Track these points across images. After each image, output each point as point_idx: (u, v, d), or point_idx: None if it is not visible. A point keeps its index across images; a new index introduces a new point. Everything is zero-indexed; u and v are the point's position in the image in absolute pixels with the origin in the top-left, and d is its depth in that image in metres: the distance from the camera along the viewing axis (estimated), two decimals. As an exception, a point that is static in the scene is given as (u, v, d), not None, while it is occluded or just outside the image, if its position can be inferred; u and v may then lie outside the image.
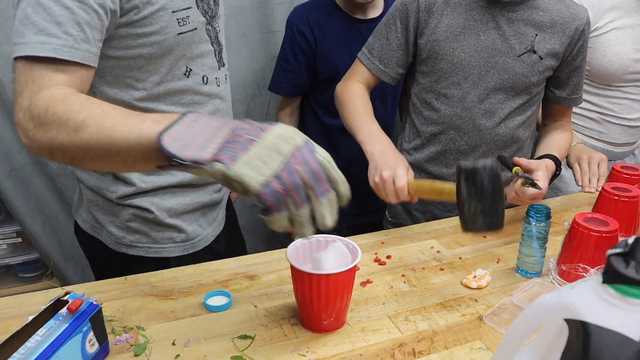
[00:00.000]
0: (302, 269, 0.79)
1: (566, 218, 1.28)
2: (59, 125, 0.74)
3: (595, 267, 0.94)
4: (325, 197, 0.66)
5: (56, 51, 0.78)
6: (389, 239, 1.18)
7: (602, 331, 0.47)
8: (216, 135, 0.65)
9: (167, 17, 0.91)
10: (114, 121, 0.71)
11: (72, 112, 0.73)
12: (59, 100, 0.75)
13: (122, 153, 0.72)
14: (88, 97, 0.78)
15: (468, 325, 0.88)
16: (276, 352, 0.80)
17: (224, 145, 0.64)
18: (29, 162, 1.63)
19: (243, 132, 0.65)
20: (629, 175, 1.23)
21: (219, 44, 1.09)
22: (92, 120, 0.72)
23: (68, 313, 0.71)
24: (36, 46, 0.77)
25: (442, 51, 1.21)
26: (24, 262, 1.92)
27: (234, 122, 0.68)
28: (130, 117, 0.71)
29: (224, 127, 0.67)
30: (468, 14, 1.19)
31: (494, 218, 0.87)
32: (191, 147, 0.63)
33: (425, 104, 1.29)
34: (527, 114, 1.27)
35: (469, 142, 1.26)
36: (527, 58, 1.19)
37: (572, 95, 1.30)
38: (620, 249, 0.48)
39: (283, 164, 0.63)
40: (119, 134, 0.70)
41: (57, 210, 1.72)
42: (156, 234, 1.09)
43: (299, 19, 1.57)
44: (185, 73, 1.00)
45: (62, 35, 0.78)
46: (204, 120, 0.68)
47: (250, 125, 0.66)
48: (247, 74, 1.76)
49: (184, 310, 0.90)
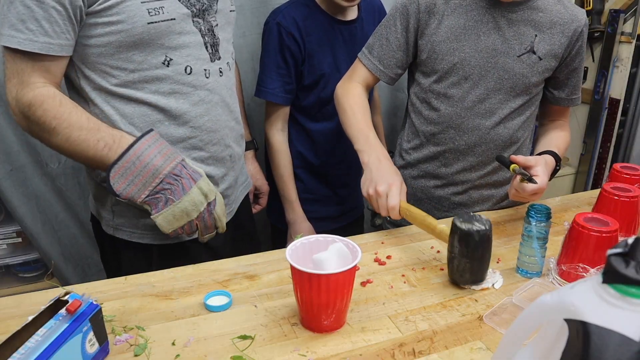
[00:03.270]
0: (302, 269, 0.79)
1: (566, 218, 1.28)
2: (37, 125, 0.97)
3: (595, 267, 0.94)
4: (209, 231, 1.09)
5: (20, 44, 0.93)
6: (389, 239, 1.18)
7: (602, 331, 0.47)
8: (151, 181, 0.98)
9: (135, 7, 0.97)
10: (77, 136, 0.97)
11: (47, 118, 0.96)
12: (38, 104, 0.95)
13: (84, 161, 1.03)
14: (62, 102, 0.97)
15: (468, 325, 0.88)
16: (276, 352, 0.80)
17: (153, 195, 0.99)
18: (29, 162, 1.63)
19: (170, 186, 0.99)
20: (629, 175, 1.23)
21: (214, 37, 1.10)
22: (62, 130, 0.96)
23: (68, 313, 0.71)
24: (8, 39, 0.93)
25: (443, 52, 1.21)
26: (24, 262, 1.92)
27: (170, 165, 0.99)
28: (90, 134, 0.97)
29: (160, 171, 0.98)
30: (468, 15, 1.19)
31: (479, 276, 0.97)
32: (130, 189, 0.99)
33: (425, 103, 1.29)
34: (526, 115, 1.28)
35: (468, 142, 1.26)
36: (526, 58, 1.20)
37: (571, 96, 1.31)
38: (620, 249, 0.48)
39: (188, 222, 1.03)
40: (80, 148, 0.98)
41: (57, 210, 1.72)
42: (137, 220, 1.11)
43: (287, 20, 1.48)
44: (164, 62, 1.03)
45: (24, 30, 0.92)
46: (147, 156, 0.97)
47: (177, 180, 1.00)
48: (247, 74, 1.76)
49: (184, 310, 0.90)
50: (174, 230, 1.03)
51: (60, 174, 1.68)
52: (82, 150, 0.98)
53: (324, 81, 1.53)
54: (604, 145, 2.75)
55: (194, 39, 1.05)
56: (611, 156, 2.76)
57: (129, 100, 1.03)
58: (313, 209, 1.62)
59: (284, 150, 1.57)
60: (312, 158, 1.62)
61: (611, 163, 2.72)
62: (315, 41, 1.51)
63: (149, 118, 1.05)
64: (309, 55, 1.51)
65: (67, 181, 1.69)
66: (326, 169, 1.65)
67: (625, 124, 2.72)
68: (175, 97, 1.05)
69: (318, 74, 1.52)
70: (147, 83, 1.03)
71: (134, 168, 0.97)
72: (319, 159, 1.63)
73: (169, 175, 0.98)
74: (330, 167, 1.65)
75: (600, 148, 2.77)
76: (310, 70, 1.52)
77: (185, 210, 1.01)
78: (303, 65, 1.52)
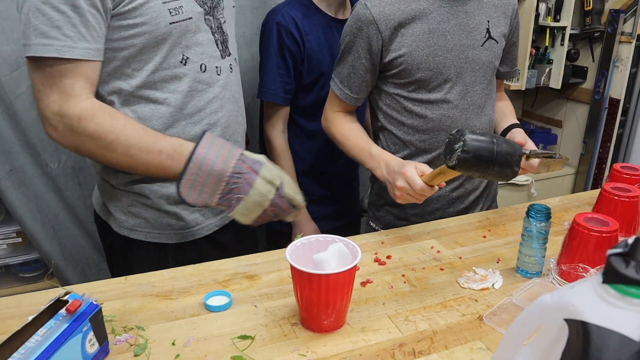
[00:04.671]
0: (302, 269, 0.79)
1: (566, 218, 1.28)
2: (89, 138, 0.93)
3: (595, 267, 0.94)
4: (287, 212, 1.02)
5: (58, 51, 0.89)
6: (389, 239, 1.18)
7: (602, 331, 0.47)
8: (218, 186, 0.95)
9: (157, 7, 0.96)
10: (138, 149, 0.94)
11: (102, 132, 0.92)
12: (89, 117, 0.92)
13: (144, 173, 1.02)
14: (111, 114, 0.95)
15: (468, 325, 0.88)
16: (276, 352, 0.80)
17: (224, 196, 0.96)
18: (29, 162, 1.63)
19: (235, 185, 0.96)
20: (629, 175, 1.23)
21: (223, 34, 1.11)
22: (119, 144, 0.93)
23: (68, 313, 0.71)
24: (39, 48, 0.88)
25: (417, 61, 1.19)
26: (24, 262, 1.92)
27: (230, 165, 0.95)
28: (150, 146, 0.94)
29: (224, 174, 0.94)
30: (429, 18, 1.19)
31: (508, 169, 0.90)
32: (202, 198, 0.96)
33: (406, 112, 1.26)
34: (493, 96, 1.34)
35: None
36: (488, 45, 1.26)
37: (513, 69, 1.42)
38: (620, 249, 0.48)
39: (262, 211, 0.98)
40: (142, 162, 0.95)
41: (57, 210, 1.72)
42: (155, 219, 1.12)
43: (286, 20, 1.48)
44: (182, 61, 1.03)
45: (60, 37, 0.88)
46: (207, 164, 0.94)
47: (240, 177, 0.95)
48: (247, 74, 1.76)
49: (184, 310, 0.90)
50: (254, 220, 1.00)
51: (60, 174, 1.68)
52: (144, 164, 0.95)
53: (323, 80, 1.53)
54: (604, 145, 2.75)
55: (207, 37, 1.07)
56: (611, 156, 2.76)
57: (147, 101, 1.03)
58: (311, 209, 1.61)
59: (286, 153, 1.58)
60: (309, 159, 1.63)
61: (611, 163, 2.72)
62: (314, 40, 1.51)
63: (166, 119, 1.05)
64: (308, 54, 1.51)
65: (67, 181, 1.69)
66: (324, 169, 1.65)
67: (625, 124, 2.72)
68: (192, 95, 1.06)
69: (317, 73, 1.52)
70: (166, 82, 1.03)
71: (199, 179, 0.95)
72: (316, 159, 1.63)
73: (232, 175, 0.95)
74: (327, 166, 1.65)
75: (600, 148, 2.77)
76: (309, 69, 1.52)
77: (256, 202, 0.97)
78: (302, 65, 1.52)
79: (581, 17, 2.68)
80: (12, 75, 1.50)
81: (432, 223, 1.26)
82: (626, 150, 2.76)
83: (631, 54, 2.55)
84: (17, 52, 1.48)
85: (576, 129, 2.87)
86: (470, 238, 1.18)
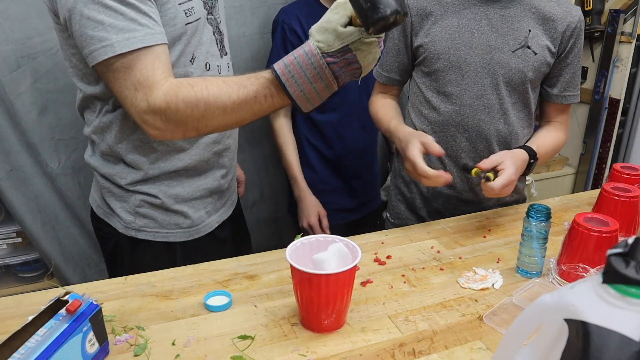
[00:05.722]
0: (302, 269, 0.79)
1: (566, 218, 1.28)
2: (185, 117, 0.90)
3: (595, 267, 0.94)
4: None
5: (142, 41, 0.88)
6: (389, 239, 1.18)
7: (602, 331, 0.47)
8: (332, 86, 0.90)
9: (175, 9, 0.97)
10: (232, 103, 0.90)
11: (192, 106, 0.89)
12: (174, 98, 0.88)
13: (253, 118, 0.94)
14: (190, 83, 0.90)
15: (468, 325, 0.88)
16: (276, 352, 0.80)
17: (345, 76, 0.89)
18: (29, 162, 1.63)
19: (347, 67, 0.87)
20: (629, 175, 1.23)
21: (221, 33, 1.13)
22: (214, 108, 0.89)
23: (68, 313, 0.71)
24: (124, 43, 0.87)
25: (438, 51, 1.24)
26: (24, 262, 1.92)
27: (330, 78, 0.88)
28: (241, 94, 0.90)
29: (331, 88, 0.89)
30: (461, 13, 1.22)
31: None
32: (327, 93, 0.91)
33: (425, 102, 1.31)
34: (525, 111, 1.29)
35: (470, 139, 1.27)
36: (521, 53, 1.21)
37: (564, 93, 1.30)
38: (620, 249, 0.48)
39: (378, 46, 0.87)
40: (243, 113, 0.91)
41: (57, 210, 1.72)
42: (163, 219, 1.13)
43: (289, 17, 1.56)
44: (190, 60, 1.04)
45: (138, 28, 0.88)
46: (311, 94, 0.89)
47: (343, 66, 0.87)
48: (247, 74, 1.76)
49: (184, 310, 0.90)
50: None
51: (60, 174, 1.68)
52: (246, 113, 0.91)
53: None
54: (604, 145, 2.75)
55: (209, 36, 1.08)
56: (611, 156, 2.76)
57: None
58: (329, 200, 1.67)
59: (286, 131, 1.63)
60: (323, 149, 1.68)
61: (611, 163, 2.72)
62: None
63: None
64: None
65: (67, 181, 1.69)
66: (338, 160, 1.70)
67: (625, 124, 2.72)
68: None
69: None
70: None
71: (312, 99, 0.90)
72: (329, 149, 1.68)
73: (338, 78, 0.88)
74: (340, 157, 1.70)
75: (600, 148, 2.77)
76: None
77: (365, 51, 0.86)
78: None
79: (581, 17, 2.68)
80: (12, 75, 1.50)
81: (432, 223, 1.26)
82: (626, 150, 2.76)
83: (631, 54, 2.54)
84: (17, 52, 1.48)
85: (576, 129, 2.87)
86: (470, 238, 1.18)
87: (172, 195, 1.12)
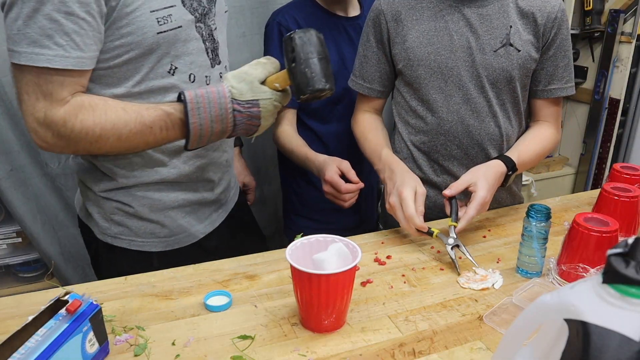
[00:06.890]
0: (302, 269, 0.79)
1: (566, 218, 1.28)
2: (78, 138, 0.91)
3: (595, 267, 0.94)
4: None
5: (49, 61, 0.85)
6: (389, 239, 1.18)
7: (602, 331, 0.47)
8: (225, 134, 1.00)
9: (145, 17, 0.92)
10: (128, 131, 0.93)
11: (88, 129, 0.90)
12: (72, 118, 0.89)
13: (146, 148, 1.00)
14: (91, 104, 0.91)
15: (468, 325, 0.88)
16: (276, 352, 0.80)
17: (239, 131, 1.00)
18: (29, 162, 1.63)
19: (242, 122, 0.98)
20: (629, 175, 1.23)
21: (214, 42, 1.08)
22: (109, 134, 0.92)
23: (68, 313, 0.71)
24: (30, 57, 0.84)
25: (418, 57, 1.19)
26: (24, 262, 1.92)
27: (229, 122, 0.97)
28: (138, 124, 0.93)
29: (226, 130, 0.98)
30: (437, 16, 1.18)
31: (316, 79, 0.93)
32: (215, 141, 1.03)
33: (411, 112, 1.27)
34: (515, 110, 1.25)
35: (461, 146, 1.24)
36: (504, 52, 1.17)
37: (549, 87, 1.24)
38: (620, 249, 0.48)
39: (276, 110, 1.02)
40: (137, 141, 0.94)
41: (57, 210, 1.72)
42: (138, 227, 1.10)
43: (287, 19, 1.47)
44: (169, 71, 1.00)
45: (52, 46, 0.85)
46: (206, 130, 0.96)
47: (243, 117, 0.99)
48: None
49: (184, 310, 0.90)
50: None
51: (60, 174, 1.68)
52: (142, 142, 0.96)
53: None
54: (604, 145, 2.75)
55: (197, 46, 1.03)
56: (611, 156, 2.76)
57: None
58: (332, 219, 1.57)
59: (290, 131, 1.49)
60: None
61: (611, 163, 2.73)
62: None
63: None
64: None
65: (67, 181, 1.69)
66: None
67: (625, 124, 2.72)
68: None
69: None
70: (153, 93, 0.99)
71: (204, 140, 0.98)
72: None
73: (236, 127, 0.98)
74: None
75: (600, 148, 2.77)
76: None
77: (270, 112, 0.99)
78: None
79: (581, 17, 2.68)
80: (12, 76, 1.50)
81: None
82: (626, 150, 2.76)
83: (631, 54, 2.55)
84: (17, 52, 1.48)
85: (576, 129, 2.87)
86: (470, 238, 1.18)
87: (146, 205, 1.08)
